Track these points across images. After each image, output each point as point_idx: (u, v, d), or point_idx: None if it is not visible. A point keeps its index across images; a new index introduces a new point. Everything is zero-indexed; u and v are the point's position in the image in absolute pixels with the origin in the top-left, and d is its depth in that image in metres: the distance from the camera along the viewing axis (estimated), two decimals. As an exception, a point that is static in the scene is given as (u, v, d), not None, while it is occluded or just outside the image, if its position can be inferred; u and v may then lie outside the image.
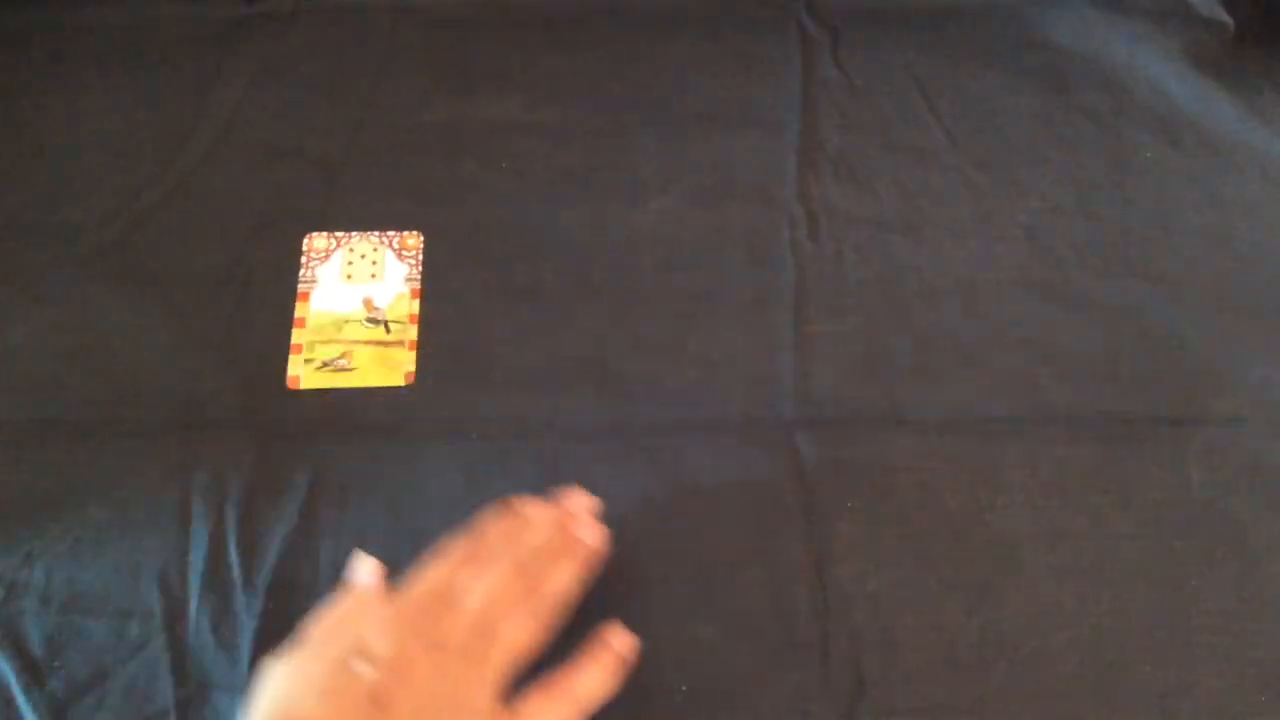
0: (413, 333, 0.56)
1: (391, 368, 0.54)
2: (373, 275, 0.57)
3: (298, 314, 0.56)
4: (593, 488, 0.51)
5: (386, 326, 0.56)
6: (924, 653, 0.47)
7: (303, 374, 0.54)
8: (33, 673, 0.46)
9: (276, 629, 0.47)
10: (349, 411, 0.53)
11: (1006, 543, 0.50)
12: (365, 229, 0.59)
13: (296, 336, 0.55)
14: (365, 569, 0.46)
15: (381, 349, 0.55)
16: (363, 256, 0.58)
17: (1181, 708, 0.46)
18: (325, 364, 0.55)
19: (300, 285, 0.57)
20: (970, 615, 0.48)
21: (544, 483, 0.51)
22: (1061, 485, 0.51)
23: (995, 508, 0.51)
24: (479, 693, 0.40)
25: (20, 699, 0.46)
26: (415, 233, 0.59)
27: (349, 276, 0.57)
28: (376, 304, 0.56)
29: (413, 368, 0.55)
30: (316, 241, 0.58)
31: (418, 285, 0.57)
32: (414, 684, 0.39)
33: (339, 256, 0.58)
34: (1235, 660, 0.47)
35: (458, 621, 0.41)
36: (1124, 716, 0.46)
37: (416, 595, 0.42)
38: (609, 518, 0.50)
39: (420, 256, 0.58)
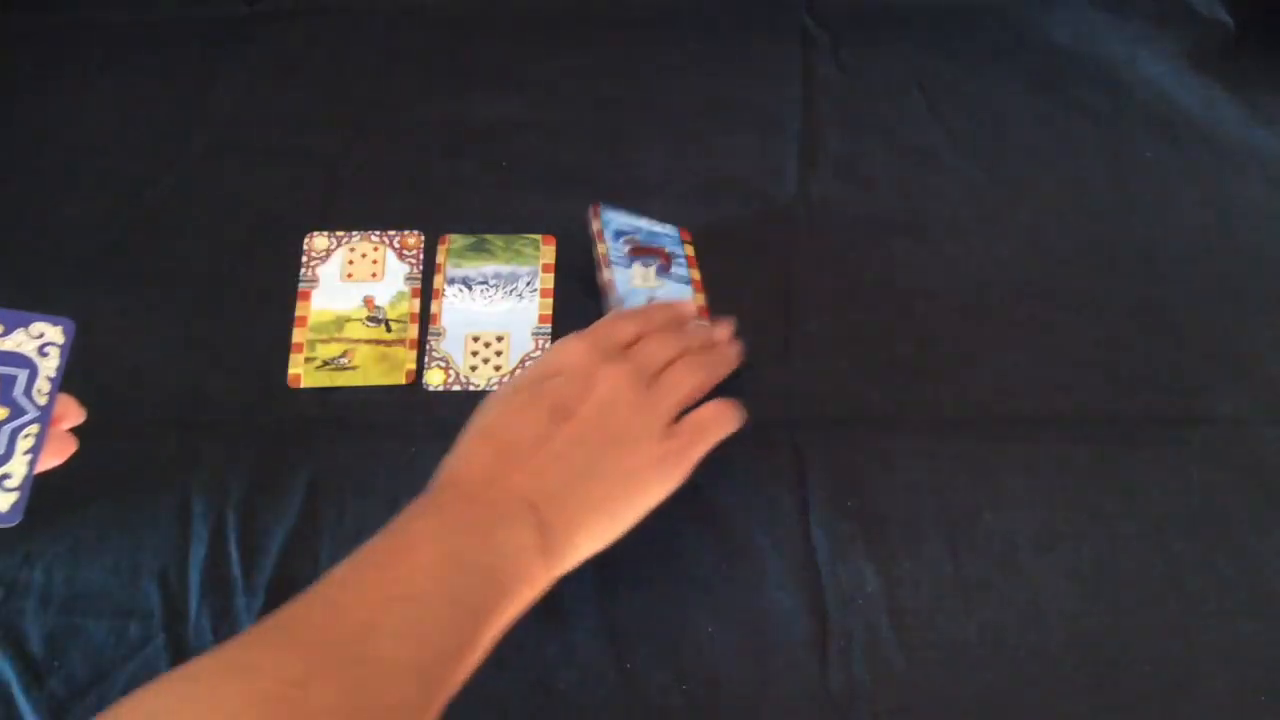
0: (413, 332, 0.56)
1: (392, 366, 0.55)
2: (373, 274, 0.57)
3: (298, 313, 0.56)
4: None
5: (387, 325, 0.56)
6: (924, 653, 0.47)
7: (303, 373, 0.54)
8: (33, 673, 0.46)
9: (276, 629, 0.47)
10: (349, 410, 0.53)
11: (1006, 543, 0.50)
12: (365, 229, 0.59)
13: (297, 335, 0.55)
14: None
15: (382, 348, 0.55)
16: (363, 256, 0.58)
17: (1181, 708, 0.46)
18: (326, 363, 0.55)
19: (301, 284, 0.57)
20: (970, 615, 0.48)
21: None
22: (1061, 485, 0.51)
23: (995, 508, 0.51)
24: (650, 414, 0.44)
25: (20, 699, 0.46)
26: (416, 232, 0.59)
27: (350, 275, 0.57)
28: (377, 303, 0.56)
29: (413, 366, 0.55)
30: (317, 241, 0.58)
31: (418, 284, 0.57)
32: (592, 396, 0.44)
33: (339, 256, 0.58)
34: (1235, 660, 0.47)
35: (638, 357, 0.46)
36: (1124, 716, 0.46)
37: (604, 333, 0.48)
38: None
39: (420, 256, 0.58)
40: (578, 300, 0.57)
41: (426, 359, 0.55)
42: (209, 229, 0.59)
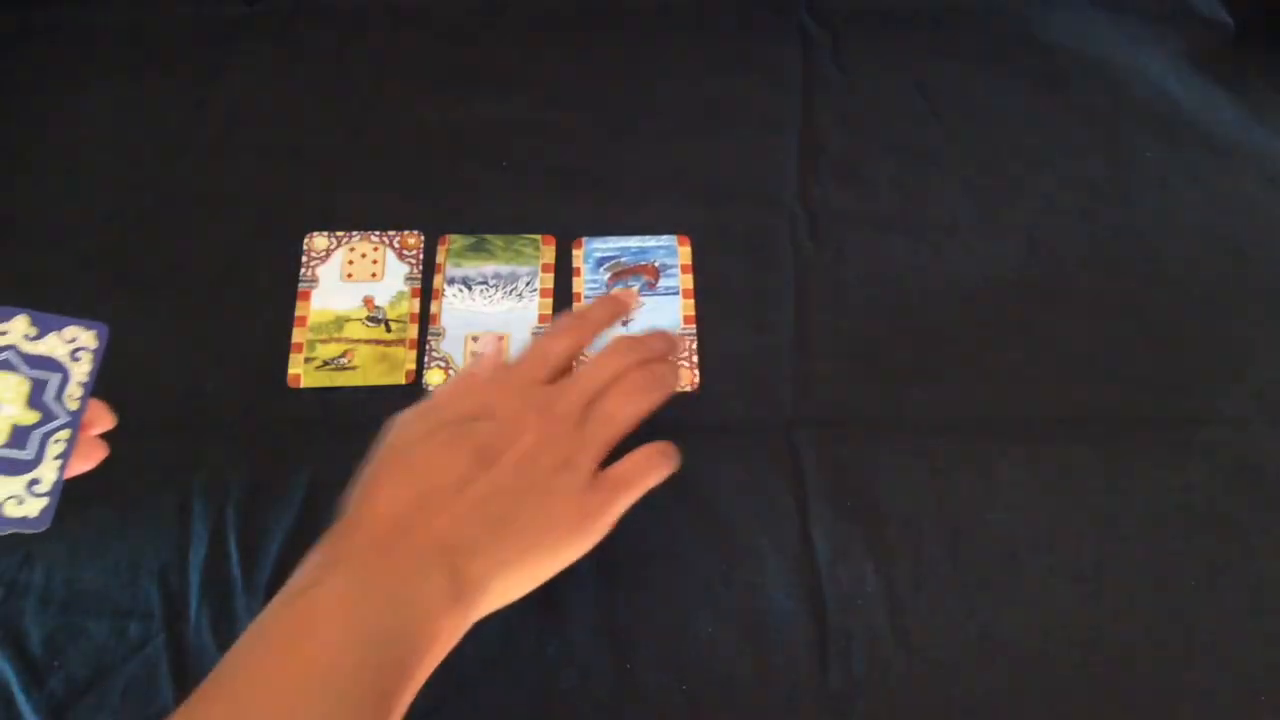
0: (413, 331, 0.56)
1: (392, 366, 0.55)
2: (373, 274, 0.57)
3: (298, 313, 0.56)
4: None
5: (387, 325, 0.56)
6: (924, 653, 0.47)
7: (303, 373, 0.54)
8: (33, 673, 0.46)
9: (276, 629, 0.47)
10: (349, 411, 0.53)
11: (1006, 543, 0.50)
12: (365, 229, 0.59)
13: (297, 335, 0.55)
14: (490, 345, 0.48)
15: (382, 348, 0.55)
16: (363, 256, 0.58)
17: (1181, 708, 0.46)
18: (326, 363, 0.55)
19: (301, 284, 0.57)
20: (970, 615, 0.48)
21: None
22: (1061, 485, 0.51)
23: (995, 508, 0.51)
24: (576, 461, 0.42)
25: (20, 699, 0.46)
26: (415, 232, 0.59)
27: (349, 276, 0.57)
28: (377, 303, 0.56)
29: (413, 366, 0.55)
30: (317, 241, 0.58)
31: (418, 284, 0.57)
32: (519, 442, 0.42)
33: (339, 256, 0.58)
34: (1235, 660, 0.47)
35: (568, 391, 0.44)
36: (1124, 716, 0.46)
37: (532, 363, 0.45)
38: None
39: (420, 256, 0.58)
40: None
41: (426, 359, 0.55)
42: (209, 229, 0.59)
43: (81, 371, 0.40)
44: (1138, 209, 0.60)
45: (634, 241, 0.58)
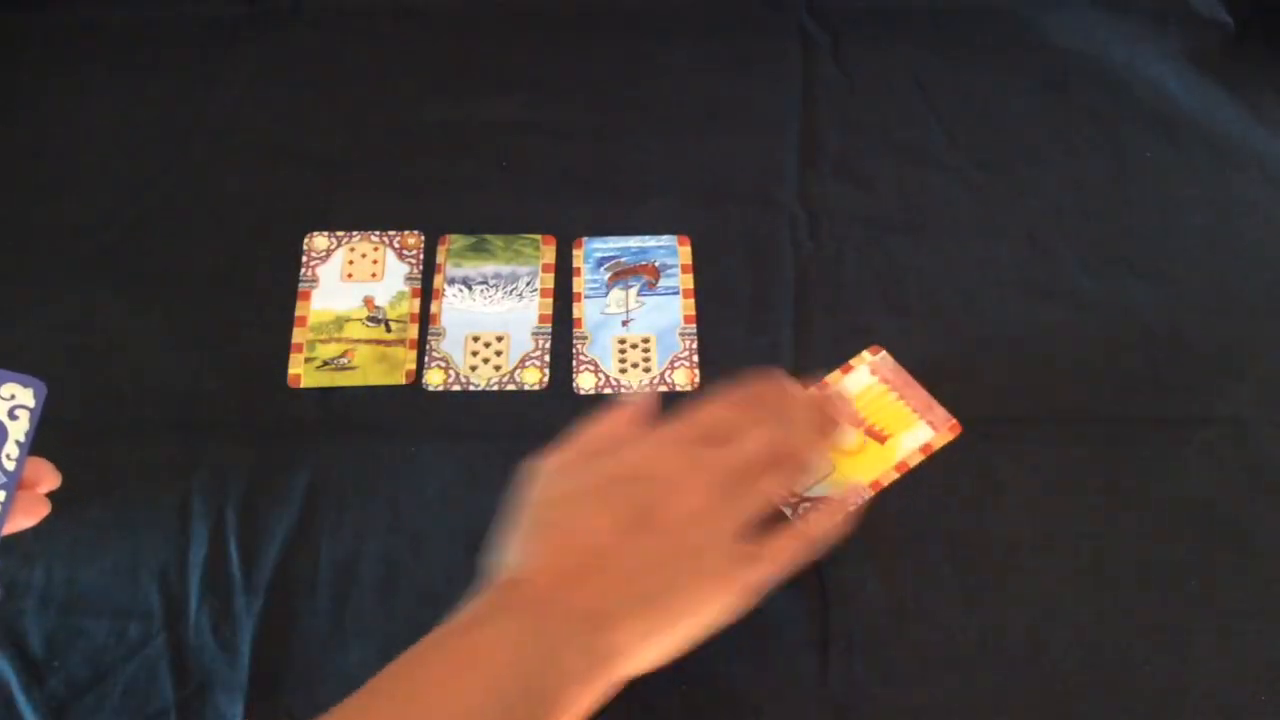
0: (413, 332, 0.56)
1: (392, 366, 0.55)
2: (373, 274, 0.57)
3: (298, 313, 0.56)
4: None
5: (387, 325, 0.56)
6: (924, 653, 0.47)
7: (303, 373, 0.54)
8: (33, 673, 0.46)
9: (276, 629, 0.47)
10: (349, 411, 0.53)
11: (1006, 543, 0.50)
12: (365, 229, 0.59)
13: (297, 336, 0.55)
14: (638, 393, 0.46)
15: (382, 348, 0.55)
16: (363, 256, 0.58)
17: (1181, 708, 0.46)
18: (326, 363, 0.55)
19: (301, 284, 0.57)
20: (970, 615, 0.48)
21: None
22: (1061, 485, 0.51)
23: (995, 508, 0.51)
24: (728, 526, 0.41)
25: (20, 699, 0.46)
26: (416, 232, 0.59)
27: (350, 276, 0.57)
28: (377, 303, 0.56)
29: (413, 366, 0.55)
30: (317, 241, 0.58)
31: (418, 284, 0.57)
32: (676, 507, 0.41)
33: (339, 256, 0.58)
34: (1235, 660, 0.47)
35: (728, 457, 0.42)
36: (1124, 716, 0.46)
37: (692, 425, 0.44)
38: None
39: (420, 256, 0.58)
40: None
41: (426, 359, 0.55)
42: (209, 229, 0.59)
43: (19, 430, 0.39)
44: (1138, 209, 0.60)
45: (634, 241, 0.58)
